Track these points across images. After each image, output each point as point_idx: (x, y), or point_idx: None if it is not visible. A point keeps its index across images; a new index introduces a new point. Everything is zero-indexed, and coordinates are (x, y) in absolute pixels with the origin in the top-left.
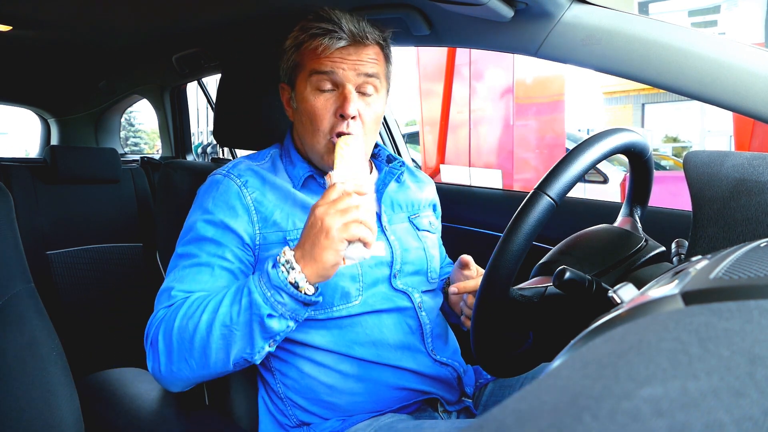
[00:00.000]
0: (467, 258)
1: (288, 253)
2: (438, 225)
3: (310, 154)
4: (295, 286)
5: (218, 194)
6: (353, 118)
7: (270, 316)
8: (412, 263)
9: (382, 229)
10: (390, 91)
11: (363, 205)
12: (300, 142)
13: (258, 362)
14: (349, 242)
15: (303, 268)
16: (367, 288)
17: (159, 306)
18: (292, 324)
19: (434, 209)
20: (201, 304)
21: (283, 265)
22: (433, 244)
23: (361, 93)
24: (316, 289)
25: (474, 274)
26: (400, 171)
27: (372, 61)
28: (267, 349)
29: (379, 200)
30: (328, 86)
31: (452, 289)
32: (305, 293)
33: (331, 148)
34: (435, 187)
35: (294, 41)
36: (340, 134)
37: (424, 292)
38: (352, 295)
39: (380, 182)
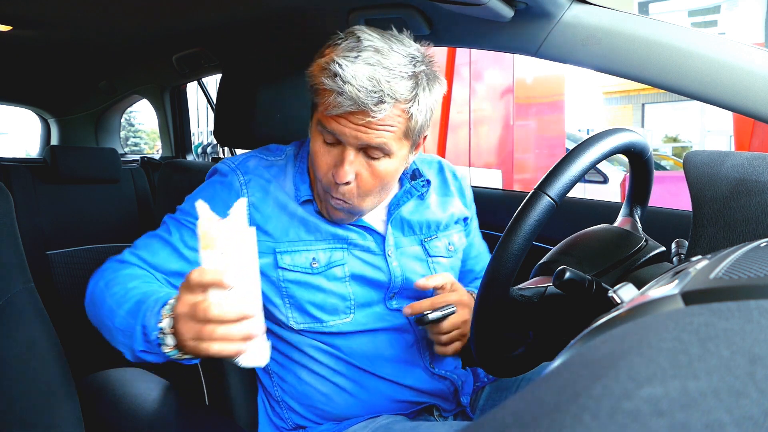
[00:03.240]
0: (422, 283)
1: (165, 322)
2: (464, 242)
3: (315, 193)
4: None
5: (219, 189)
6: (347, 183)
7: (142, 352)
8: (414, 290)
9: (384, 253)
10: (419, 144)
11: (226, 315)
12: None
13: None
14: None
15: (177, 343)
16: (360, 307)
17: (121, 254)
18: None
19: (465, 222)
20: (121, 284)
21: (161, 330)
22: (444, 270)
23: (367, 154)
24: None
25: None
26: (421, 191)
27: (381, 129)
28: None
29: (388, 220)
30: (332, 140)
31: (406, 310)
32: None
33: (327, 200)
34: (470, 192)
35: (310, 75)
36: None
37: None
38: (341, 311)
39: (394, 201)
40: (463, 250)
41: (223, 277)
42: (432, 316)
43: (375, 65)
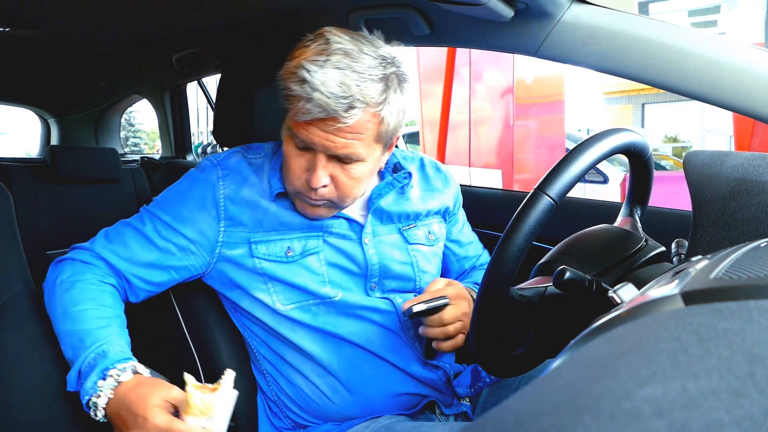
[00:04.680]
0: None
1: (105, 394)
2: (443, 232)
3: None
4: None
5: (195, 184)
6: (324, 186)
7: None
8: (396, 279)
9: (360, 240)
10: (391, 144)
11: None
12: None
13: None
14: None
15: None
16: (345, 290)
17: (91, 246)
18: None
19: (445, 215)
20: (78, 293)
21: (95, 391)
22: (425, 258)
23: (339, 159)
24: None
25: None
26: (402, 183)
27: (351, 137)
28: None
29: (368, 212)
30: (303, 145)
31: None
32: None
33: (302, 201)
34: (456, 191)
35: (280, 79)
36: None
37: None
38: (326, 292)
39: (375, 192)
40: (457, 239)
41: None
42: (417, 308)
43: (344, 69)
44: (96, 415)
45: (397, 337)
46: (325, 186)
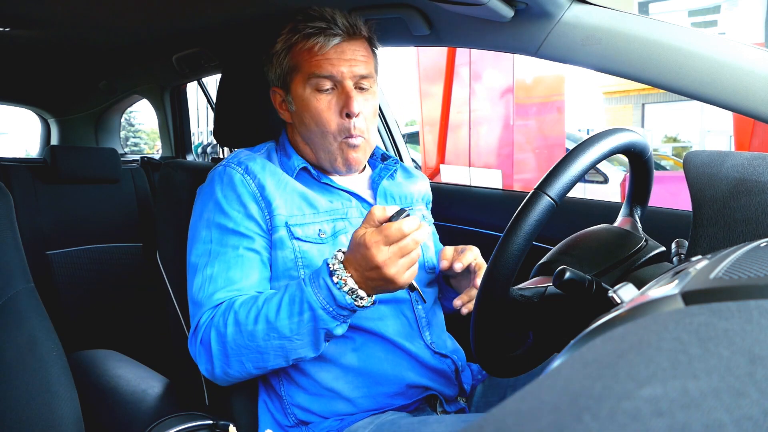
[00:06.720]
0: (459, 268)
1: (349, 282)
2: (431, 219)
3: (321, 156)
4: (360, 307)
5: (224, 185)
6: (357, 115)
7: (338, 326)
8: None
9: None
10: (381, 87)
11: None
12: (303, 142)
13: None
14: None
15: (367, 293)
16: None
17: (200, 310)
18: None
19: (427, 204)
20: (250, 310)
21: (347, 293)
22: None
23: (359, 88)
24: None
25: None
26: (393, 168)
27: (364, 59)
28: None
29: (374, 193)
30: (328, 85)
31: (456, 265)
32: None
33: (343, 149)
34: (428, 183)
35: (285, 44)
36: (348, 136)
37: (423, 287)
38: None
39: (375, 176)
40: (436, 244)
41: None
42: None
43: (339, 11)
44: (347, 283)
45: (409, 326)
46: (358, 114)
